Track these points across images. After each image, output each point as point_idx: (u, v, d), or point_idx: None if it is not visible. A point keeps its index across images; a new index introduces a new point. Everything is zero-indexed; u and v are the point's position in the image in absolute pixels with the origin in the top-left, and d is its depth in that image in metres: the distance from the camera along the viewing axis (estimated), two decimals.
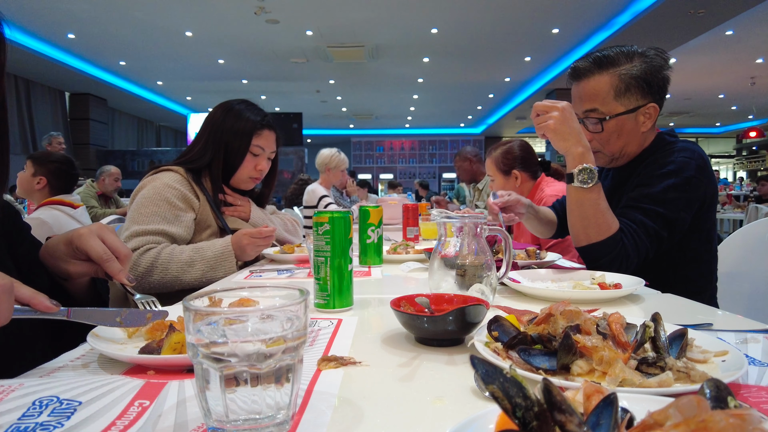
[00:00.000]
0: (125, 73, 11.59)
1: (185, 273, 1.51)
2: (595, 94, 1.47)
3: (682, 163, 1.41)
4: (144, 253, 1.50)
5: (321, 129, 19.46)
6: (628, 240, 1.34)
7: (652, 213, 1.37)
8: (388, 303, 0.80)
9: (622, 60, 1.45)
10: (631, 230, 1.36)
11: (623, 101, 1.45)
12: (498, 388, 0.35)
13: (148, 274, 1.49)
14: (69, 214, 2.83)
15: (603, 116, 1.47)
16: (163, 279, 1.50)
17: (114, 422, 0.50)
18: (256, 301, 0.53)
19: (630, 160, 1.57)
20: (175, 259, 1.51)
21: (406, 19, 8.18)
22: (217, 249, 1.56)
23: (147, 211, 1.59)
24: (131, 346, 0.74)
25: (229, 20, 8.19)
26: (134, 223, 1.57)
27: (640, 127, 1.49)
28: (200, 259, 1.53)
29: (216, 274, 1.54)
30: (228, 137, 1.77)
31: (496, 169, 2.59)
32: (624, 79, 1.44)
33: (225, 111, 1.80)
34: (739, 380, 0.58)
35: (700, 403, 0.31)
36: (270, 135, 1.85)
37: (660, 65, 1.46)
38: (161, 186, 1.64)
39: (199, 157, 1.78)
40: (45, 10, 7.74)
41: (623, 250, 1.33)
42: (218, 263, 1.54)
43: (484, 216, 0.98)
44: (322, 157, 4.48)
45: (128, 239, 1.54)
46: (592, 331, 0.64)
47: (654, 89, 1.46)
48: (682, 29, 7.95)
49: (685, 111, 16.10)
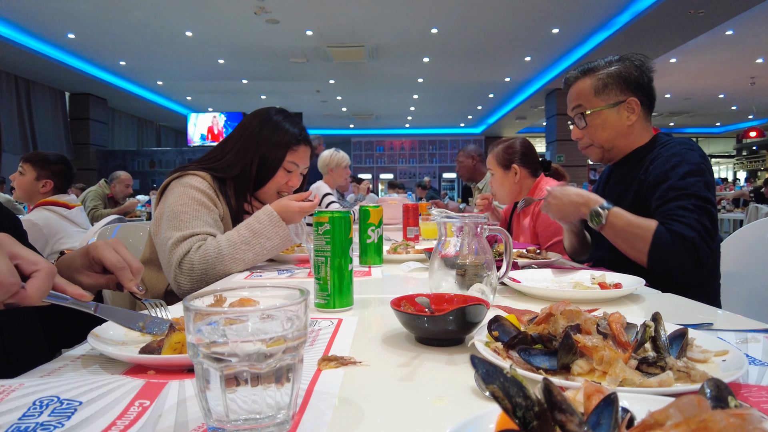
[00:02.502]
0: (125, 73, 11.58)
1: (244, 253, 1.46)
2: (579, 94, 1.69)
3: (687, 153, 1.50)
4: (197, 252, 1.44)
5: (321, 129, 19.44)
6: (674, 224, 1.36)
7: (683, 197, 1.41)
8: (388, 303, 0.80)
9: (602, 66, 1.65)
10: (671, 216, 1.39)
11: (603, 97, 1.64)
12: (498, 388, 0.35)
13: (211, 267, 1.43)
14: (62, 214, 2.79)
15: (585, 110, 1.67)
16: (226, 268, 1.44)
17: (114, 422, 0.50)
18: (257, 301, 0.53)
19: (625, 155, 1.69)
20: (230, 244, 1.45)
21: (406, 19, 8.17)
22: (264, 220, 1.51)
23: (187, 217, 1.52)
24: (131, 346, 0.74)
25: (229, 20, 8.18)
26: (176, 230, 1.49)
27: (624, 121, 1.64)
28: (253, 235, 1.48)
29: (274, 243, 1.51)
30: (263, 150, 1.70)
31: (496, 163, 2.60)
32: (602, 79, 1.64)
33: (263, 121, 1.73)
34: (740, 380, 0.58)
35: (700, 403, 0.31)
36: (305, 151, 1.79)
37: (638, 65, 1.62)
38: (192, 190, 1.57)
39: (228, 166, 1.70)
40: (45, 10, 7.74)
41: (677, 236, 1.34)
42: (272, 233, 1.50)
43: (484, 216, 0.98)
44: (322, 160, 4.48)
45: (176, 245, 1.46)
46: (592, 330, 0.64)
47: (633, 86, 1.61)
48: (682, 29, 7.95)
49: (685, 111, 16.10)
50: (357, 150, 20.80)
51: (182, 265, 1.43)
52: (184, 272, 1.43)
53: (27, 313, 0.91)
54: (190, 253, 1.44)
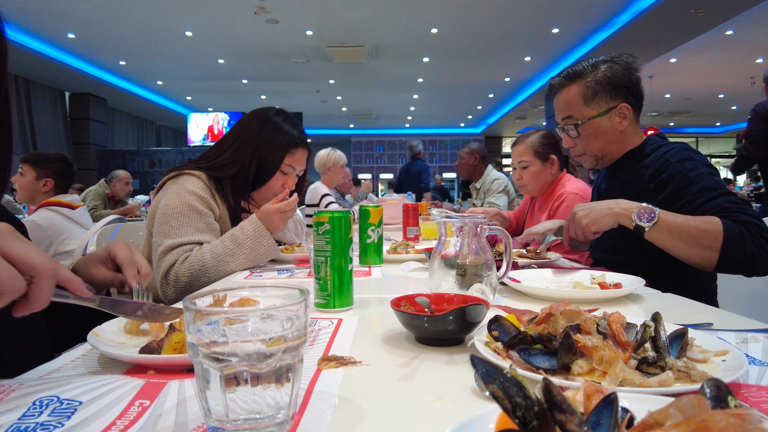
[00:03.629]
0: (125, 73, 11.58)
1: (228, 264, 1.47)
2: (567, 103, 1.62)
3: (694, 155, 1.48)
4: (182, 264, 1.45)
5: (321, 129, 19.45)
6: (738, 216, 1.29)
7: (721, 195, 1.35)
8: (388, 303, 0.80)
9: (589, 71, 1.59)
10: (725, 210, 1.31)
11: (593, 106, 1.58)
12: (498, 388, 0.35)
13: (195, 279, 1.44)
14: (66, 215, 2.79)
15: (577, 121, 1.61)
16: (210, 279, 1.45)
17: (114, 422, 0.50)
18: (257, 300, 0.53)
19: (616, 159, 1.65)
20: (214, 256, 1.46)
21: (406, 19, 8.17)
22: (248, 231, 1.52)
23: (177, 224, 1.52)
24: (131, 346, 0.74)
25: (229, 20, 8.18)
26: (167, 237, 1.50)
27: (617, 127, 1.59)
28: (237, 246, 1.49)
29: (258, 254, 1.52)
30: (262, 151, 1.70)
31: (532, 153, 2.42)
32: (591, 86, 1.58)
33: (262, 122, 1.72)
34: (740, 380, 0.58)
35: (700, 403, 0.31)
36: (303, 153, 1.79)
37: (625, 69, 1.57)
38: (186, 194, 1.57)
39: (224, 165, 1.70)
40: (45, 10, 7.74)
41: (750, 225, 1.27)
42: (256, 243, 1.51)
43: (484, 216, 0.98)
44: (318, 160, 4.48)
45: (163, 255, 1.47)
46: (592, 330, 0.64)
47: (622, 91, 1.57)
48: (682, 29, 7.94)
49: (685, 111, 16.10)
50: (357, 150, 20.81)
51: (168, 276, 1.45)
52: (169, 283, 1.45)
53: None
54: (175, 265, 1.45)
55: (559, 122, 1.69)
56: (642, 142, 1.63)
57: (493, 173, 4.52)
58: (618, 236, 1.57)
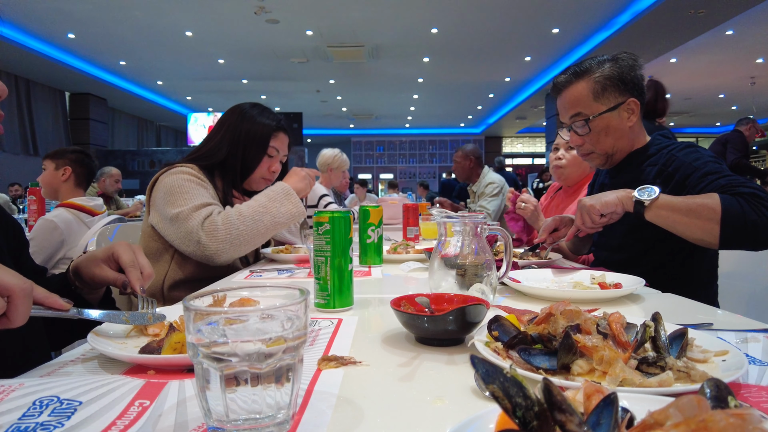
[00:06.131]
0: (125, 72, 11.58)
1: (262, 215, 1.53)
2: (577, 99, 1.58)
3: (696, 151, 1.48)
4: (218, 215, 1.49)
5: (321, 129, 19.44)
6: (738, 189, 1.29)
7: (724, 176, 1.35)
8: (388, 303, 0.80)
9: (595, 67, 1.57)
10: (726, 187, 1.31)
11: (603, 101, 1.55)
12: (498, 388, 0.35)
13: (234, 228, 1.48)
14: (83, 220, 2.67)
15: (587, 117, 1.57)
16: (248, 228, 1.50)
17: (114, 422, 0.50)
18: (257, 300, 0.53)
19: (623, 157, 1.63)
20: (248, 207, 1.53)
21: (406, 19, 8.17)
22: (276, 189, 1.61)
23: (193, 192, 1.56)
24: (131, 346, 0.74)
25: (229, 20, 8.18)
26: (177, 207, 1.52)
27: (625, 123, 1.57)
28: (267, 200, 1.57)
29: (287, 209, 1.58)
30: (246, 140, 1.76)
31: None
32: (599, 81, 1.55)
33: (240, 115, 1.79)
34: (740, 380, 0.58)
35: (700, 403, 0.31)
36: (284, 138, 1.86)
37: (631, 65, 1.56)
38: (184, 175, 1.61)
39: (213, 153, 1.75)
40: (45, 10, 7.74)
41: (749, 196, 1.26)
42: (284, 198, 1.59)
43: (483, 216, 0.98)
44: (324, 157, 4.45)
45: (192, 212, 1.49)
46: (592, 330, 0.64)
47: (630, 86, 1.56)
48: (682, 29, 7.94)
49: (685, 111, 16.09)
50: (357, 150, 20.80)
51: (205, 226, 1.47)
52: (208, 233, 1.47)
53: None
54: (212, 215, 1.49)
55: (565, 121, 1.63)
56: (647, 142, 1.62)
57: (489, 175, 4.43)
58: (624, 234, 1.57)
